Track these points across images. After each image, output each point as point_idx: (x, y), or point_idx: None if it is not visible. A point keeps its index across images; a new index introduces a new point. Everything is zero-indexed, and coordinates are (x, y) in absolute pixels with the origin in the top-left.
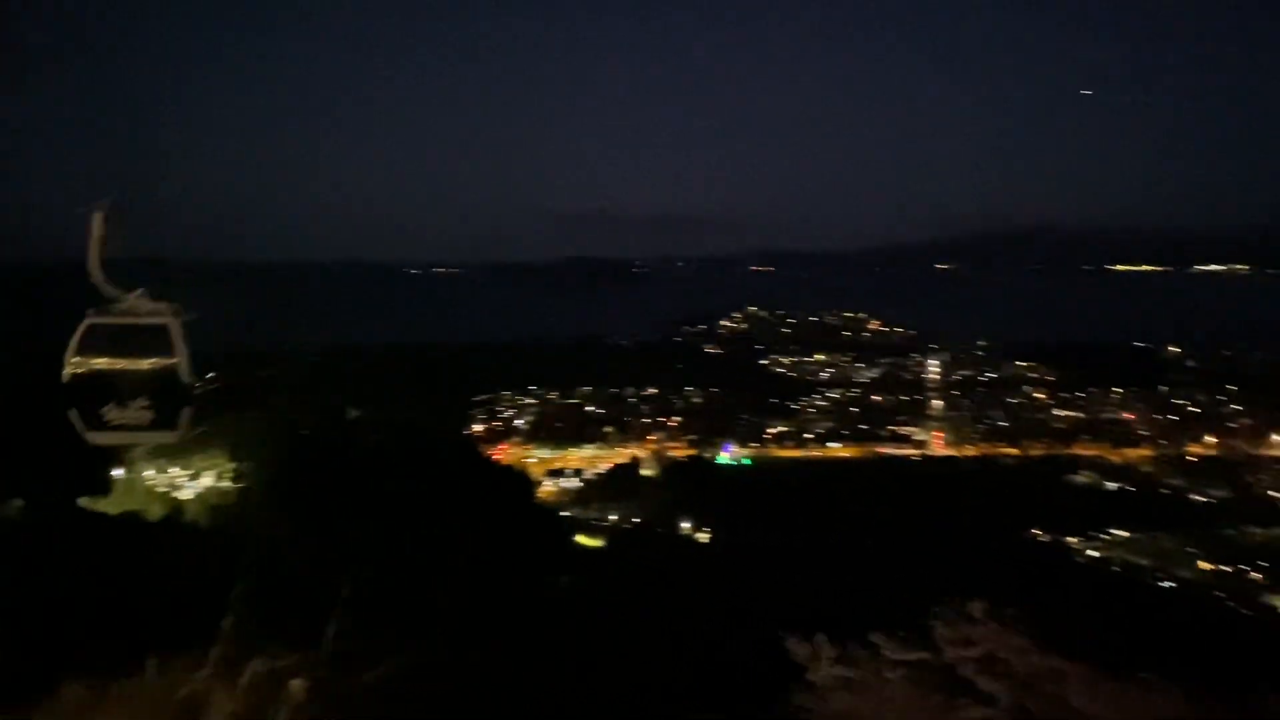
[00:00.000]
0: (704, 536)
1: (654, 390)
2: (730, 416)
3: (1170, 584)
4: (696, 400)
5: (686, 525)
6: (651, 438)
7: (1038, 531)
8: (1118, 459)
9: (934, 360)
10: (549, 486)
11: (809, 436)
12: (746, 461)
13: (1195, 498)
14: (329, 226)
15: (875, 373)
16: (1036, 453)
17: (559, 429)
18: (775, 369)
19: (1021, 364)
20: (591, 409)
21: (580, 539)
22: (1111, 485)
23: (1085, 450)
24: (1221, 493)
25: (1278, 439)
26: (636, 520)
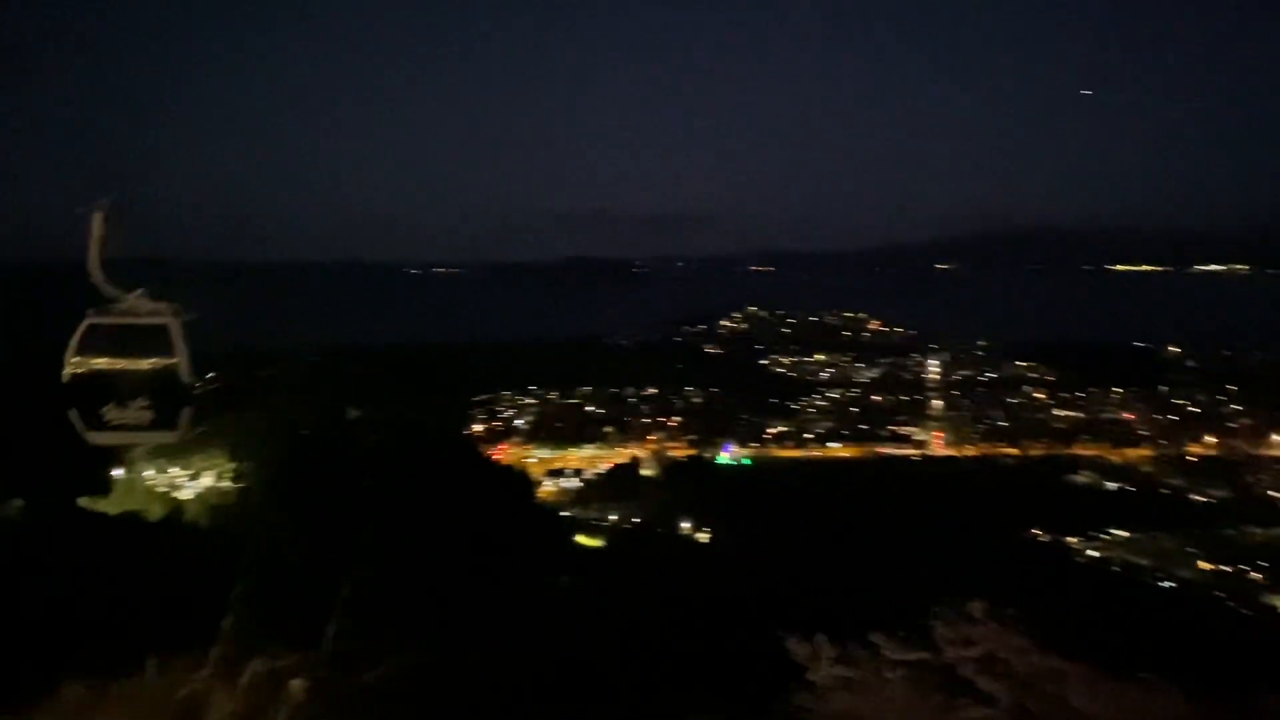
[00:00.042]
0: (704, 536)
1: (654, 390)
2: (730, 416)
3: (1170, 584)
4: (696, 400)
5: (686, 525)
6: (651, 438)
7: (1038, 531)
8: (1118, 459)
9: (934, 360)
10: (549, 486)
11: (809, 436)
12: (746, 461)
13: (1195, 498)
14: (329, 226)
15: (875, 373)
16: (1036, 453)
17: (559, 429)
18: (775, 369)
19: (1021, 364)
20: (591, 409)
21: (580, 539)
22: (1111, 485)
23: (1085, 450)
24: (1221, 493)
25: (1278, 439)
26: (636, 520)
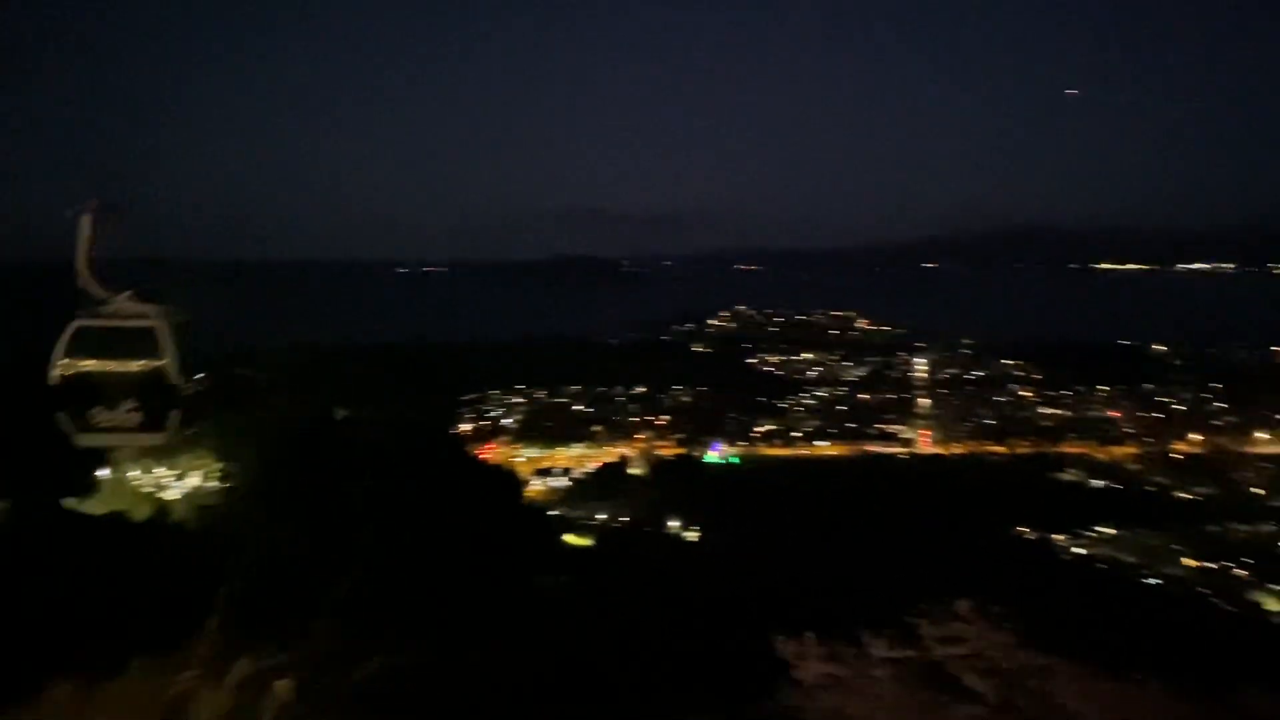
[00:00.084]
0: (692, 535)
1: (642, 389)
2: (718, 415)
3: (1156, 581)
4: (685, 399)
5: (675, 524)
6: (640, 436)
7: (1024, 529)
8: (1104, 457)
9: (921, 359)
10: (537, 485)
11: (797, 435)
12: (735, 460)
13: (1180, 495)
14: (319, 226)
15: (863, 371)
16: (1023, 451)
17: (547, 428)
18: (763, 368)
19: (1008, 362)
20: (579, 408)
21: (569, 538)
22: (1098, 483)
23: (1071, 448)
24: (1206, 490)
25: (1261, 436)
26: (625, 519)
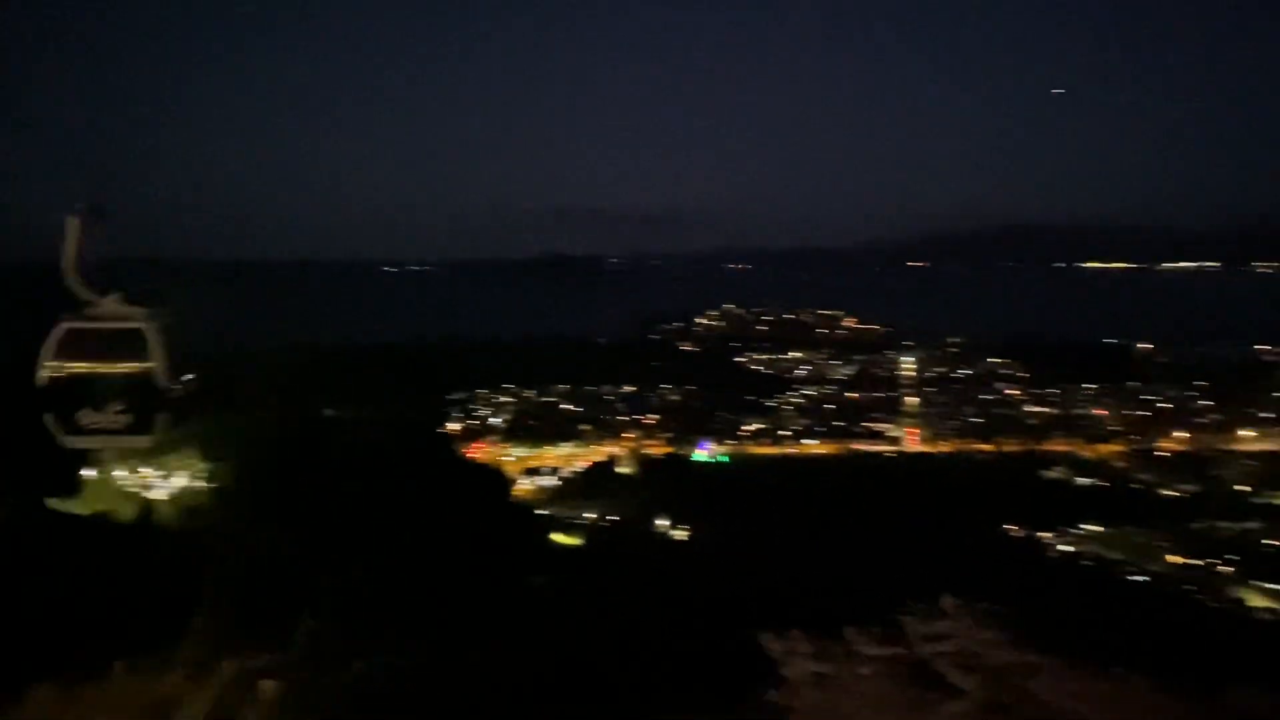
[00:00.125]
0: (681, 534)
1: (631, 388)
2: (707, 414)
3: (1141, 578)
4: (673, 398)
5: (664, 523)
6: (628, 435)
7: (1011, 526)
8: (1090, 454)
9: (908, 357)
10: (526, 485)
11: (785, 433)
12: (723, 459)
13: (1165, 492)
14: (306, 225)
15: (850, 370)
16: (1010, 449)
17: (535, 427)
18: (751, 366)
19: (995, 360)
20: (568, 407)
21: (557, 537)
22: (1084, 480)
23: (1058, 446)
24: (1191, 487)
25: (1246, 434)
26: (614, 518)
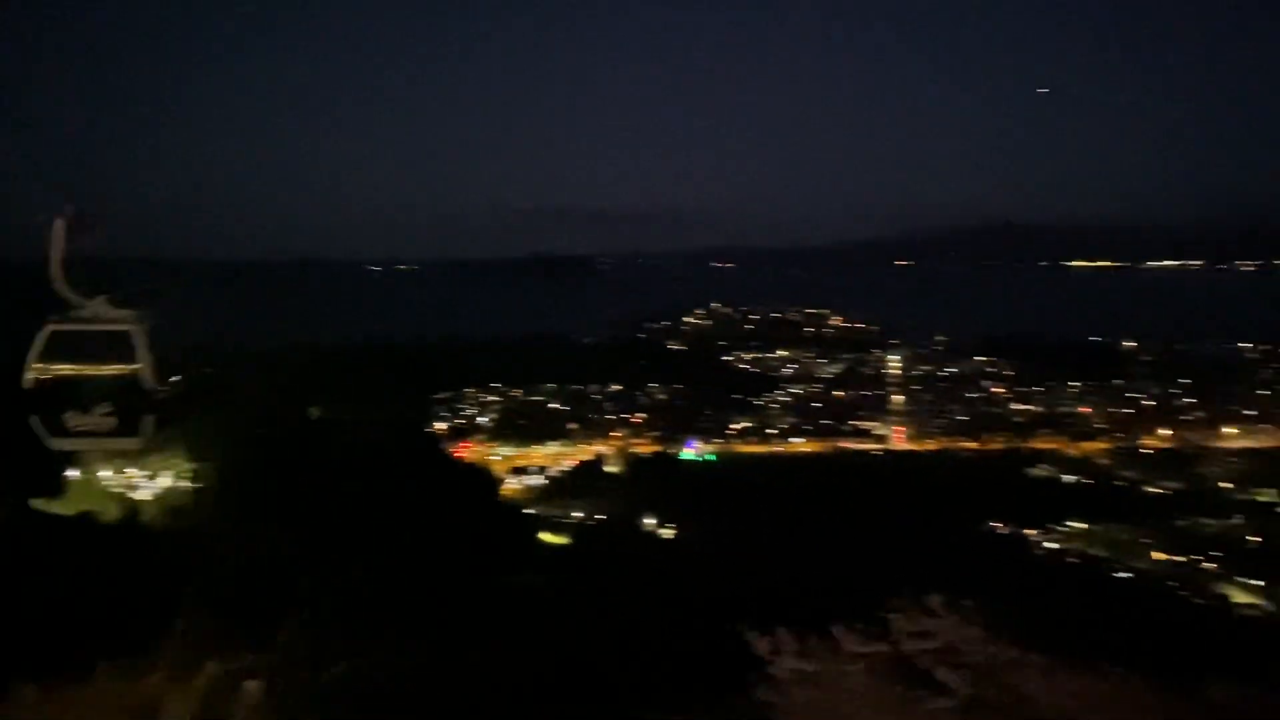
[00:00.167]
0: (669, 532)
1: (618, 387)
2: (694, 413)
3: (1126, 574)
4: (660, 397)
5: (651, 522)
6: (616, 434)
7: (997, 524)
8: (1075, 452)
9: (894, 355)
10: (513, 484)
11: (772, 432)
12: (711, 457)
13: (1150, 489)
14: (293, 225)
15: (837, 368)
16: (996, 446)
17: (523, 426)
18: (738, 365)
19: (980, 359)
20: (555, 406)
21: (545, 536)
22: (1069, 478)
23: (1043, 444)
24: (1175, 484)
25: (1229, 431)
26: (601, 517)
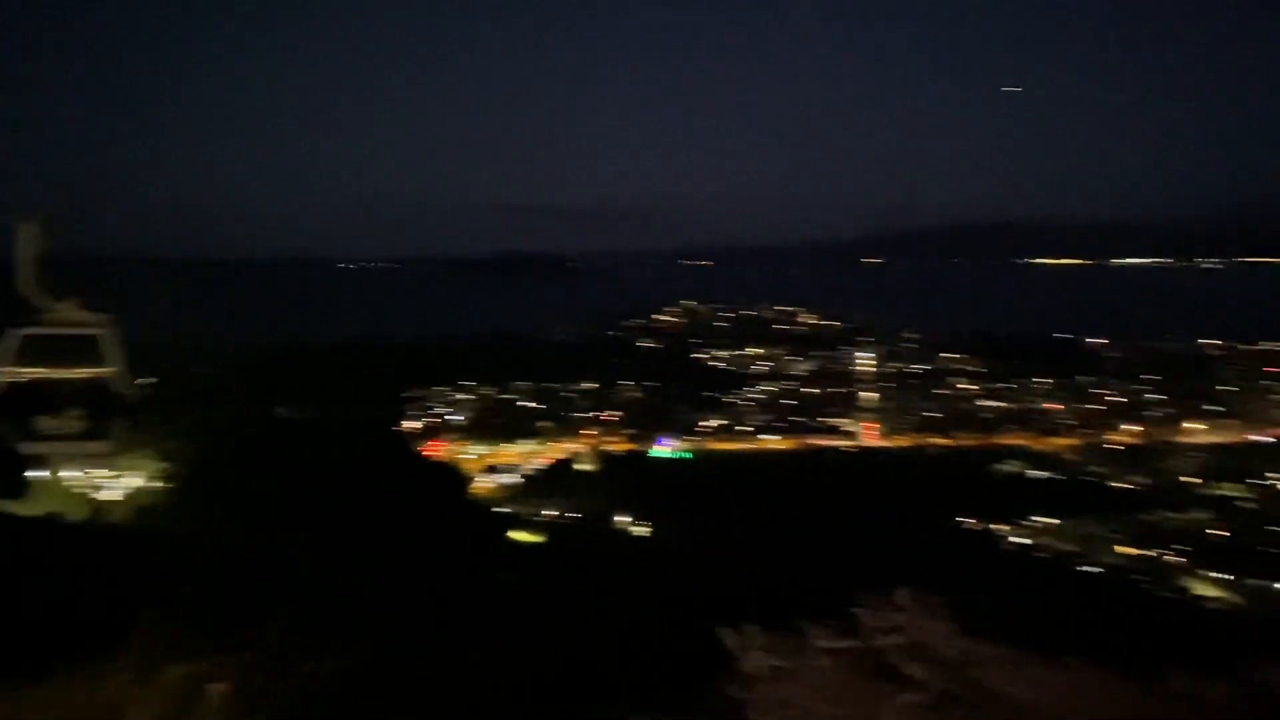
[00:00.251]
0: (642, 530)
1: (590, 385)
2: (667, 410)
3: (1093, 568)
4: (633, 394)
5: (625, 519)
6: (589, 432)
7: (966, 519)
8: (1043, 448)
9: (865, 353)
10: (485, 483)
11: (744, 429)
12: (684, 455)
13: (1117, 484)
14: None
15: (808, 366)
16: (965, 442)
17: (495, 424)
18: (710, 362)
19: (949, 356)
20: (527, 404)
21: (518, 535)
22: (1037, 473)
23: (1012, 439)
24: (1142, 479)
25: (1194, 426)
26: (574, 515)
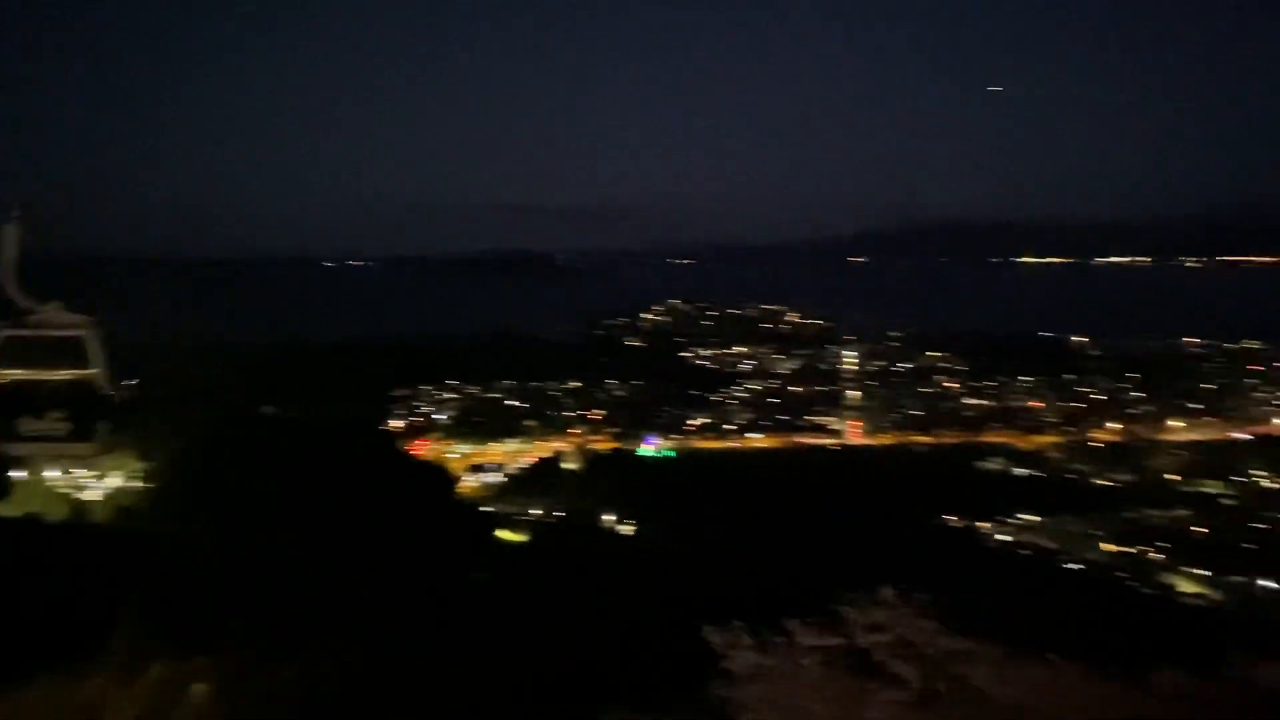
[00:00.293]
0: (628, 529)
1: (576, 384)
2: (652, 409)
3: (1076, 565)
4: (619, 393)
5: (610, 518)
6: (574, 431)
7: (950, 517)
8: (1026, 446)
9: (850, 352)
10: (471, 482)
11: (730, 428)
12: (669, 453)
13: (1099, 482)
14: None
15: (794, 364)
16: (949, 440)
17: (480, 423)
18: (696, 361)
19: (933, 354)
20: (513, 403)
21: (503, 534)
22: (1020, 471)
23: (995, 437)
24: (1124, 477)
25: (1175, 424)
26: (560, 514)
